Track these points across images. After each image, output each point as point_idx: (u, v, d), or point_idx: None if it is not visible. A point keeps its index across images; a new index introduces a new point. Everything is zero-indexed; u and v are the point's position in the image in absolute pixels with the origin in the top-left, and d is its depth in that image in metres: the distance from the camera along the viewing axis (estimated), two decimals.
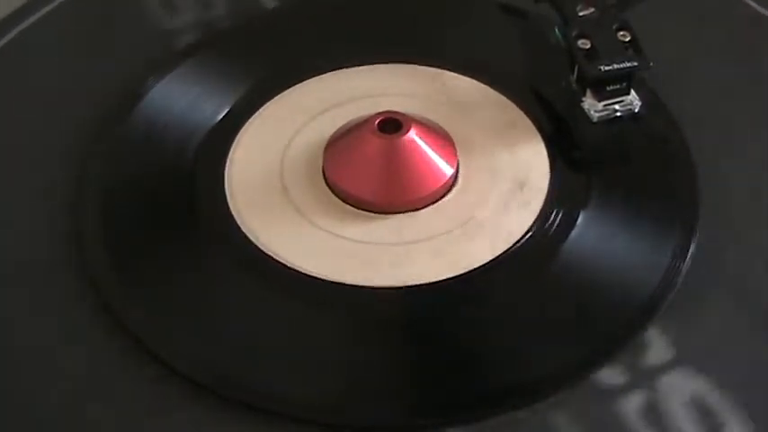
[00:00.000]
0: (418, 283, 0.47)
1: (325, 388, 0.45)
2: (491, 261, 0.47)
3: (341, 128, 0.51)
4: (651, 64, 0.51)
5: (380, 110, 0.50)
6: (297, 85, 0.54)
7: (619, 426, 0.43)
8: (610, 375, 0.44)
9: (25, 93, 0.55)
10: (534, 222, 0.49)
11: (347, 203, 0.49)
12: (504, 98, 0.53)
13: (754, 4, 0.58)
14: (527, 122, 0.53)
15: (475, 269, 0.47)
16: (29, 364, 0.46)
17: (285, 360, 0.45)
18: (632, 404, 0.44)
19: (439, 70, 0.55)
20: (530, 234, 0.48)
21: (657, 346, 0.45)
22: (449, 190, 0.50)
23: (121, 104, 0.54)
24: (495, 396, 0.44)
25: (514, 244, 0.48)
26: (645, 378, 0.44)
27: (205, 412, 0.44)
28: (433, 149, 0.49)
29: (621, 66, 0.51)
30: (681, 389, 0.44)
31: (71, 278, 0.48)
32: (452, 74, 0.54)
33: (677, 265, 0.47)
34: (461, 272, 0.47)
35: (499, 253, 0.48)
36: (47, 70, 0.56)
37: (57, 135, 0.53)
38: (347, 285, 0.47)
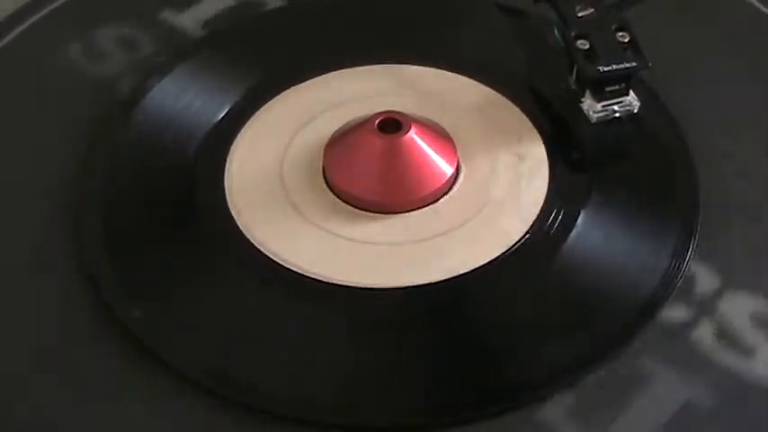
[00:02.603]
0: (418, 283, 0.47)
1: (325, 388, 0.45)
2: (491, 261, 0.47)
3: (341, 128, 0.51)
4: (650, 64, 0.51)
5: (380, 110, 0.50)
6: (297, 85, 0.54)
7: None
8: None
9: (25, 93, 0.55)
10: (534, 222, 0.49)
11: (347, 203, 0.49)
12: (503, 98, 0.53)
13: (755, 3, 0.58)
14: (527, 122, 0.53)
15: (475, 269, 0.47)
16: (28, 364, 0.45)
17: (285, 360, 0.45)
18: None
19: (439, 70, 0.55)
20: (530, 234, 0.48)
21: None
22: (449, 190, 0.50)
23: (121, 104, 0.54)
24: (493, 396, 0.44)
25: (514, 244, 0.48)
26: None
27: (205, 412, 0.44)
28: (433, 149, 0.49)
29: (620, 66, 0.51)
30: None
31: (71, 278, 0.48)
32: (452, 74, 0.55)
33: (677, 265, 0.47)
34: (461, 272, 0.47)
35: (499, 253, 0.48)
36: (47, 70, 0.56)
37: (57, 135, 0.53)
38: (347, 285, 0.47)
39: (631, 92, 0.52)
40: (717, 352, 0.45)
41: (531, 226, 0.49)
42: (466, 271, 0.47)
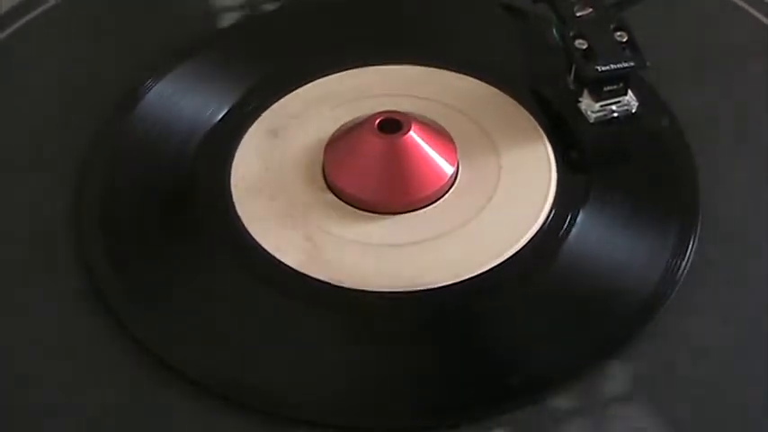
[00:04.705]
0: (418, 283, 0.47)
1: (326, 388, 0.45)
2: (491, 261, 0.47)
3: (341, 128, 0.51)
4: (648, 64, 0.51)
5: (380, 110, 0.50)
6: (297, 86, 0.54)
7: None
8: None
9: (25, 92, 0.55)
10: (534, 222, 0.49)
11: (347, 203, 0.49)
12: (503, 98, 0.54)
13: (751, 10, 0.58)
14: (527, 122, 0.53)
15: (474, 269, 0.47)
16: (28, 364, 0.46)
17: (285, 360, 0.45)
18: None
19: (439, 70, 0.55)
20: (530, 234, 0.48)
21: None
22: (449, 190, 0.50)
23: (121, 104, 0.54)
24: (494, 396, 0.44)
25: (514, 244, 0.48)
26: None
27: (205, 412, 0.44)
28: (433, 149, 0.50)
29: (618, 66, 0.51)
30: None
31: (71, 278, 0.48)
32: (452, 74, 0.55)
33: (677, 264, 0.47)
34: (461, 272, 0.47)
35: (499, 253, 0.48)
36: (46, 70, 0.56)
37: (56, 135, 0.53)
38: (347, 285, 0.47)
39: (630, 92, 0.52)
40: None
41: (531, 226, 0.49)
42: (465, 271, 0.47)
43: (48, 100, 0.55)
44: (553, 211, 0.49)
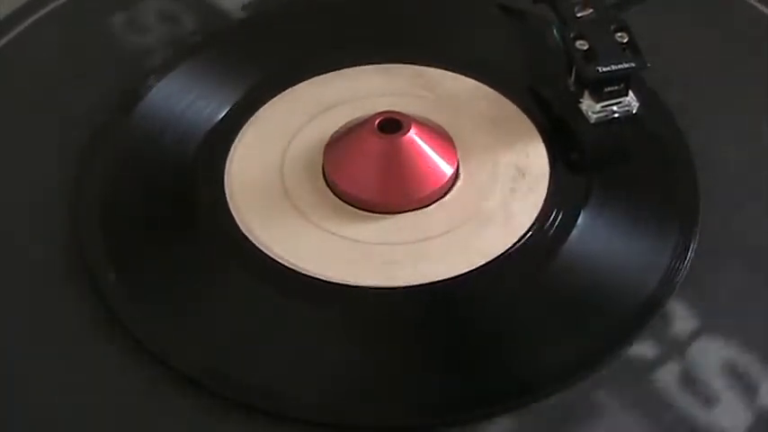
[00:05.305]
0: (418, 283, 0.47)
1: (325, 388, 0.45)
2: (491, 261, 0.47)
3: (341, 128, 0.51)
4: (649, 65, 0.51)
5: (380, 110, 0.50)
6: (297, 85, 0.54)
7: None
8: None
9: (25, 92, 0.55)
10: (534, 222, 0.49)
11: (347, 203, 0.49)
12: (503, 98, 0.53)
13: (754, 3, 0.58)
14: (526, 123, 0.53)
15: (474, 269, 0.47)
16: (28, 364, 0.46)
17: (285, 360, 0.45)
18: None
19: (439, 70, 0.55)
20: (530, 234, 0.48)
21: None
22: (449, 190, 0.50)
23: (121, 104, 0.54)
24: (493, 396, 0.44)
25: (514, 244, 0.48)
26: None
27: (205, 412, 0.44)
28: (433, 149, 0.50)
29: (619, 67, 0.51)
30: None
31: (71, 278, 0.48)
32: (452, 74, 0.55)
33: (677, 264, 0.47)
34: (461, 272, 0.47)
35: (499, 253, 0.48)
36: (46, 70, 0.56)
37: (56, 135, 0.53)
38: (347, 285, 0.47)
39: (630, 92, 0.52)
40: (677, 396, 0.44)
41: (531, 226, 0.49)
42: (466, 271, 0.47)
43: (47, 100, 0.55)
44: (553, 212, 0.49)
